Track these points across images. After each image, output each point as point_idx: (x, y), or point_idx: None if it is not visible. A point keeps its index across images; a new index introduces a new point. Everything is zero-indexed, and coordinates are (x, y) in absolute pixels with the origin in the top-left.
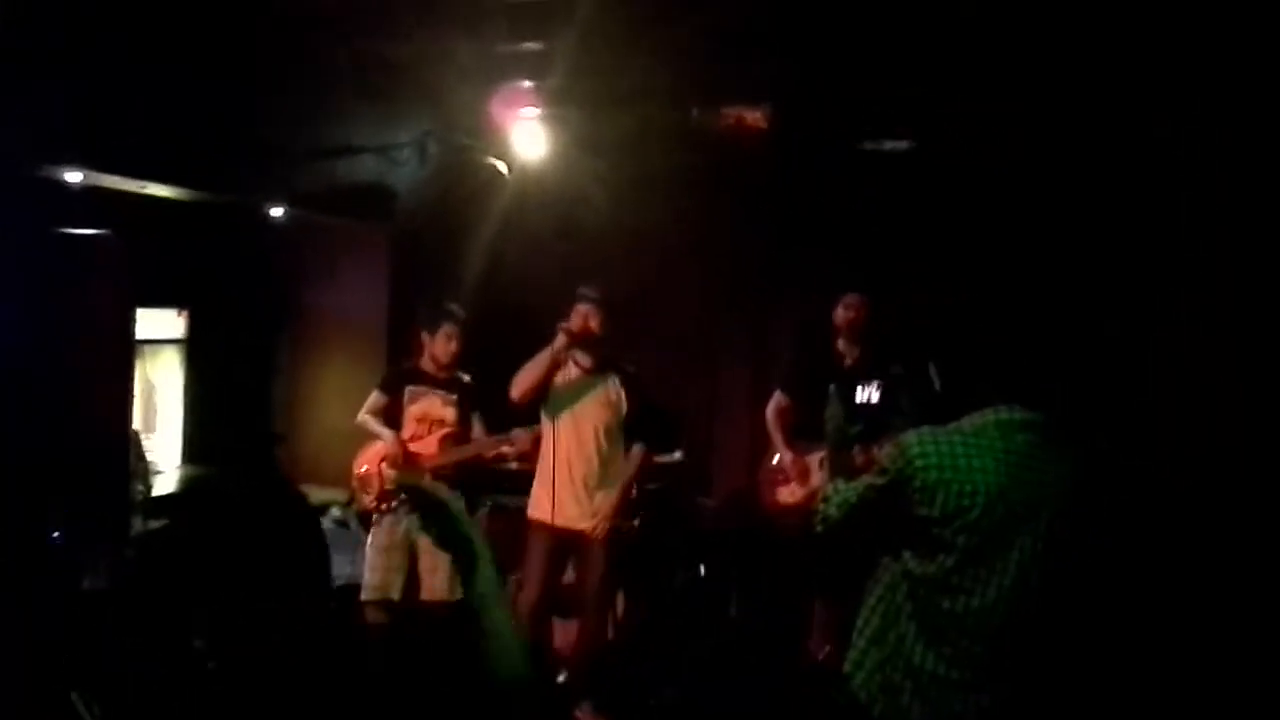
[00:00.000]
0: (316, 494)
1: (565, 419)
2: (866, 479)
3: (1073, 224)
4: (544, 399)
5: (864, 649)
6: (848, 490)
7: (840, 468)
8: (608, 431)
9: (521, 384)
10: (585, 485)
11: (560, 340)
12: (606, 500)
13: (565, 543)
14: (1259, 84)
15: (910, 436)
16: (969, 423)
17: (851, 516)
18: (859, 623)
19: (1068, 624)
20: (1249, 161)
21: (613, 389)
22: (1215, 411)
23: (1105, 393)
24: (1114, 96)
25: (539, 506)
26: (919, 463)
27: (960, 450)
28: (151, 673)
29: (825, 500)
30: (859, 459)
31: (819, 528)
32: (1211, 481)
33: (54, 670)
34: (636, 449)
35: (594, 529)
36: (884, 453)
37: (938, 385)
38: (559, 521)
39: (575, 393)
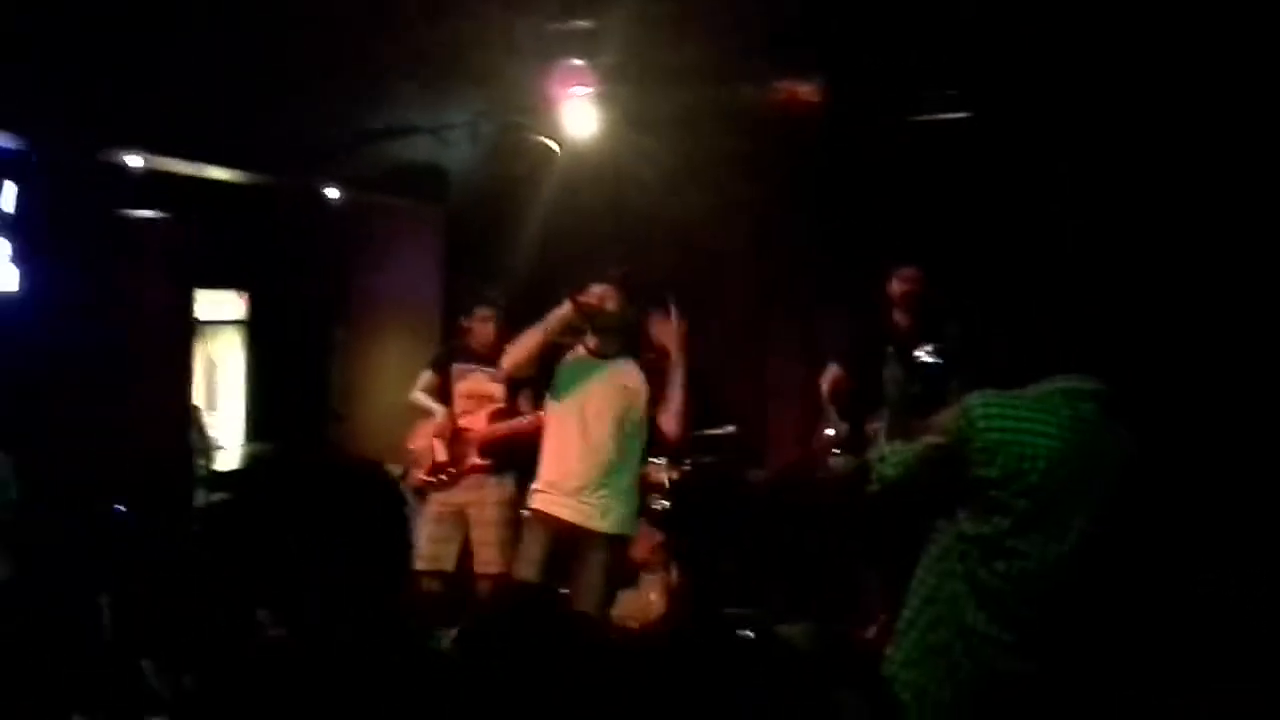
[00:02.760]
0: None
1: (567, 404)
2: (927, 439)
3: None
4: (549, 380)
5: (918, 608)
6: (905, 450)
7: (898, 429)
8: (617, 422)
9: (512, 353)
10: (584, 479)
11: (565, 307)
12: (611, 500)
13: (562, 540)
14: None
15: (974, 398)
16: (1034, 389)
17: (910, 476)
18: (913, 584)
19: (1113, 600)
20: None
21: (628, 375)
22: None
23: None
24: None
25: (535, 496)
26: (981, 424)
27: (1024, 414)
28: (216, 642)
29: (882, 460)
30: (917, 421)
31: (875, 487)
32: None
33: (122, 637)
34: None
35: (592, 530)
36: (945, 414)
37: (1005, 356)
38: (556, 515)
39: (581, 376)
